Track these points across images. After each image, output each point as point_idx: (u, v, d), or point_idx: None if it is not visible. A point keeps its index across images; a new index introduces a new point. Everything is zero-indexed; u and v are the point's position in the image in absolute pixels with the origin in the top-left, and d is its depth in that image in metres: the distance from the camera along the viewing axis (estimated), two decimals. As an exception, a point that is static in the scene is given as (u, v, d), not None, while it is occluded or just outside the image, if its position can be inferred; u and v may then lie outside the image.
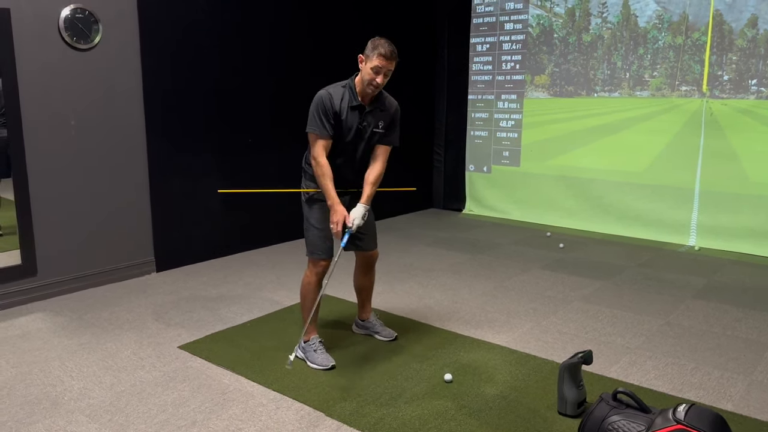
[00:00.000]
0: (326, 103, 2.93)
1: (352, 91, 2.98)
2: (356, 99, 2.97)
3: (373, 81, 2.89)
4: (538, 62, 6.42)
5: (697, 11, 5.44)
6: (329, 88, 2.98)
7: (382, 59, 2.85)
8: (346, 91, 2.98)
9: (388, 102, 3.10)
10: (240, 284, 4.46)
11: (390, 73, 2.91)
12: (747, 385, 2.96)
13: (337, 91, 2.97)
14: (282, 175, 5.44)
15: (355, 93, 2.98)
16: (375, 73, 2.88)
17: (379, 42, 2.88)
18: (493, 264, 5.00)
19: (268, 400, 2.79)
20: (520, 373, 3.05)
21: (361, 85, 2.96)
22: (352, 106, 2.97)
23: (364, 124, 3.02)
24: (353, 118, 2.99)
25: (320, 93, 2.97)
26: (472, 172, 7.02)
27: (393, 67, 2.90)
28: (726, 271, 4.82)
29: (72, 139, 4.14)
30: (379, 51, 2.85)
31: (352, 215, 2.96)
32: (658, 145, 5.79)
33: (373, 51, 2.86)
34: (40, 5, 3.89)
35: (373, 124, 3.04)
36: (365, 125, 3.02)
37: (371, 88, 2.92)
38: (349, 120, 2.98)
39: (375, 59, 2.85)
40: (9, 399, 2.79)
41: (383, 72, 2.88)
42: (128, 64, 4.37)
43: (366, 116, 3.01)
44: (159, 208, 4.65)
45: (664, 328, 3.67)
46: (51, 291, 4.12)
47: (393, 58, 2.88)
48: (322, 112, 2.93)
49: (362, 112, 3.00)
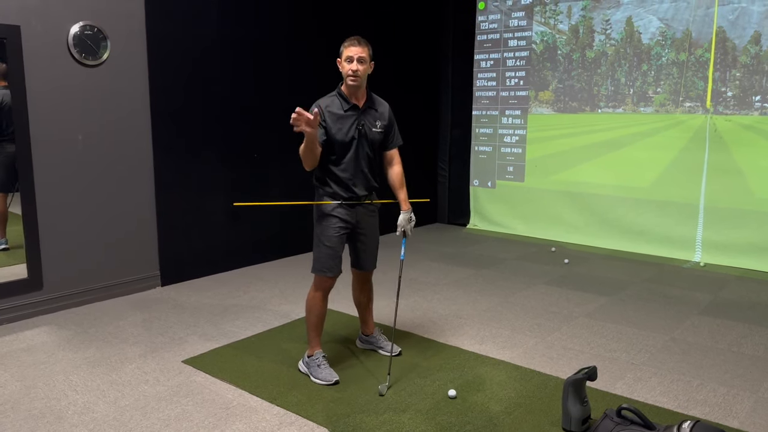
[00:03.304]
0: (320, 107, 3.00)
1: (342, 97, 3.05)
2: (348, 102, 3.04)
3: (351, 70, 2.97)
4: (542, 78, 6.45)
5: (700, 28, 5.48)
6: (319, 100, 3.06)
7: (351, 47, 2.97)
8: (336, 98, 3.06)
9: (378, 101, 3.18)
10: (245, 298, 4.46)
11: (365, 60, 2.99)
12: (753, 402, 2.94)
13: (328, 101, 3.06)
14: (288, 191, 5.47)
15: (346, 97, 3.05)
16: (349, 62, 2.96)
17: (347, 39, 3.02)
18: (498, 279, 5.00)
19: (272, 416, 2.78)
20: (524, 389, 3.04)
21: (345, 86, 3.04)
22: (346, 109, 3.04)
23: (362, 124, 3.07)
24: (350, 121, 3.04)
25: (312, 106, 3.03)
26: (476, 187, 7.03)
27: (365, 53, 2.98)
28: (731, 287, 4.80)
29: (79, 154, 4.18)
30: (346, 43, 2.99)
31: (401, 223, 3.19)
32: (662, 161, 5.79)
33: (342, 46, 3.01)
34: (49, 22, 3.95)
35: (372, 124, 3.10)
36: (363, 125, 3.07)
37: (352, 79, 2.99)
38: (346, 125, 3.03)
39: (345, 51, 2.99)
40: (13, 413, 2.80)
41: (356, 58, 2.96)
42: (136, 79, 4.42)
43: (361, 116, 3.07)
44: (164, 223, 4.68)
45: (669, 344, 3.65)
46: (56, 305, 4.14)
47: (362, 44, 2.99)
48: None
49: (357, 112, 3.06)
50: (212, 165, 4.98)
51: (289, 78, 5.48)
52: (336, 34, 5.81)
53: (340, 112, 3.02)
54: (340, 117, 3.02)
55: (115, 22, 4.25)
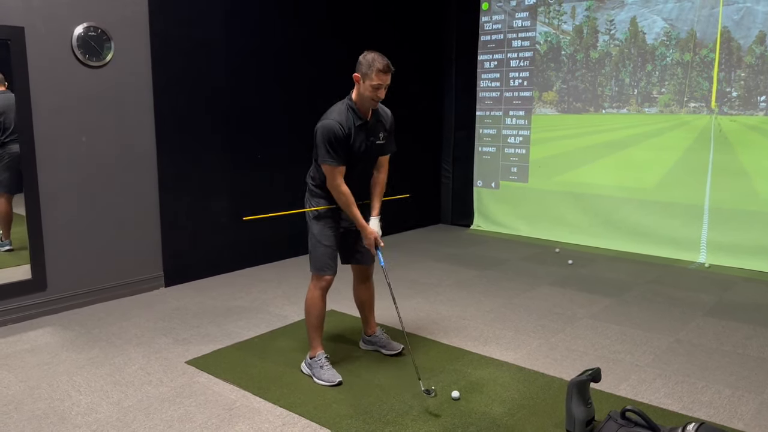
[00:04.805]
0: (338, 133, 2.91)
1: (354, 112, 2.99)
2: (360, 117, 2.99)
3: (377, 96, 2.92)
4: (546, 79, 6.44)
5: (705, 28, 5.45)
6: (334, 116, 2.96)
7: (381, 75, 2.88)
8: (349, 113, 2.98)
9: (382, 111, 3.14)
10: (248, 299, 4.46)
11: (388, 86, 2.94)
12: (759, 404, 2.92)
13: (342, 117, 2.96)
14: (292, 192, 5.46)
15: (358, 111, 2.99)
16: (376, 90, 2.90)
17: (374, 58, 2.88)
18: (501, 280, 4.98)
19: (275, 417, 2.78)
20: (528, 391, 3.03)
21: (360, 102, 2.97)
22: (358, 125, 2.99)
23: (371, 139, 3.05)
24: (361, 137, 3.01)
25: (329, 123, 2.93)
26: (480, 187, 7.02)
27: (390, 79, 2.93)
28: (737, 289, 4.78)
29: (83, 155, 4.18)
30: (376, 67, 2.86)
31: (376, 229, 3.09)
32: (667, 162, 5.77)
33: (370, 69, 2.87)
34: (53, 23, 3.96)
35: (377, 136, 3.09)
36: (372, 140, 3.06)
37: (373, 103, 2.96)
38: (358, 140, 3.00)
39: (375, 77, 2.87)
40: (17, 413, 2.80)
41: (384, 87, 2.91)
42: (139, 81, 4.42)
43: (370, 131, 3.04)
44: (168, 224, 4.68)
45: (674, 345, 3.64)
46: (60, 305, 4.14)
47: (390, 71, 2.91)
48: (335, 142, 2.92)
49: (366, 127, 3.03)
50: (215, 166, 4.98)
51: (291, 78, 5.48)
52: (339, 36, 5.84)
53: (353, 127, 2.98)
54: (353, 133, 2.98)
55: (119, 23, 4.26)
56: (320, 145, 2.94)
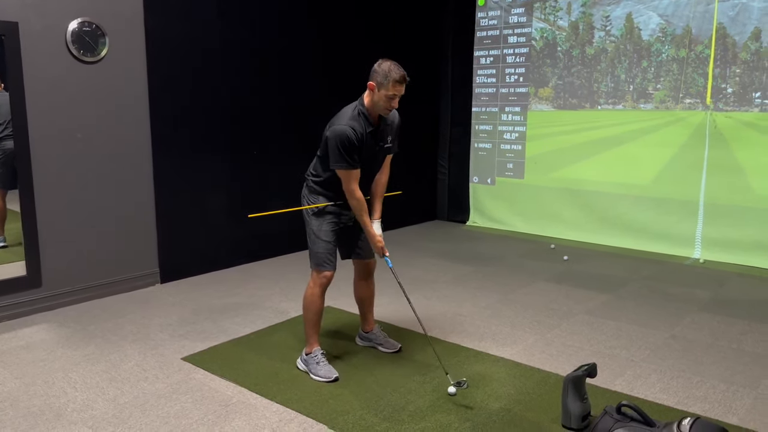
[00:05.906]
0: (352, 138, 2.90)
1: (366, 117, 2.98)
2: (371, 124, 2.99)
3: (389, 107, 2.93)
4: (542, 75, 6.44)
5: (700, 24, 5.46)
6: (347, 121, 2.95)
7: (398, 86, 2.87)
8: (361, 119, 2.97)
9: (390, 114, 3.13)
10: (244, 296, 4.46)
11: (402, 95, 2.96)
12: (753, 399, 2.93)
13: (355, 122, 2.95)
14: (288, 188, 5.45)
15: (369, 117, 2.99)
16: (390, 99, 2.90)
17: (389, 68, 2.87)
18: (497, 276, 4.99)
19: (271, 413, 2.78)
20: (524, 386, 3.04)
21: (372, 109, 2.97)
22: (370, 131, 2.99)
23: (380, 144, 3.07)
24: (372, 142, 3.02)
25: (342, 129, 2.91)
26: (476, 184, 7.03)
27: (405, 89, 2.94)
28: (731, 284, 4.80)
29: (78, 151, 4.17)
30: (393, 78, 2.85)
31: (379, 232, 3.13)
32: (662, 158, 5.78)
33: (386, 79, 2.86)
34: (48, 18, 3.93)
35: (385, 139, 3.09)
36: (381, 144, 3.07)
37: (386, 112, 2.97)
38: (369, 145, 3.01)
39: (391, 87, 2.86)
40: (12, 410, 2.79)
41: (399, 96, 2.92)
42: (134, 77, 4.40)
43: (379, 136, 3.05)
44: (164, 220, 4.67)
45: (669, 341, 3.65)
46: (55, 302, 4.13)
47: (405, 81, 2.90)
48: (350, 147, 2.91)
49: (376, 133, 3.03)
50: (211, 162, 4.97)
51: (287, 75, 5.46)
52: (335, 32, 5.83)
53: (365, 133, 2.98)
54: (365, 138, 2.98)
55: (114, 18, 4.24)
56: (333, 149, 2.92)
